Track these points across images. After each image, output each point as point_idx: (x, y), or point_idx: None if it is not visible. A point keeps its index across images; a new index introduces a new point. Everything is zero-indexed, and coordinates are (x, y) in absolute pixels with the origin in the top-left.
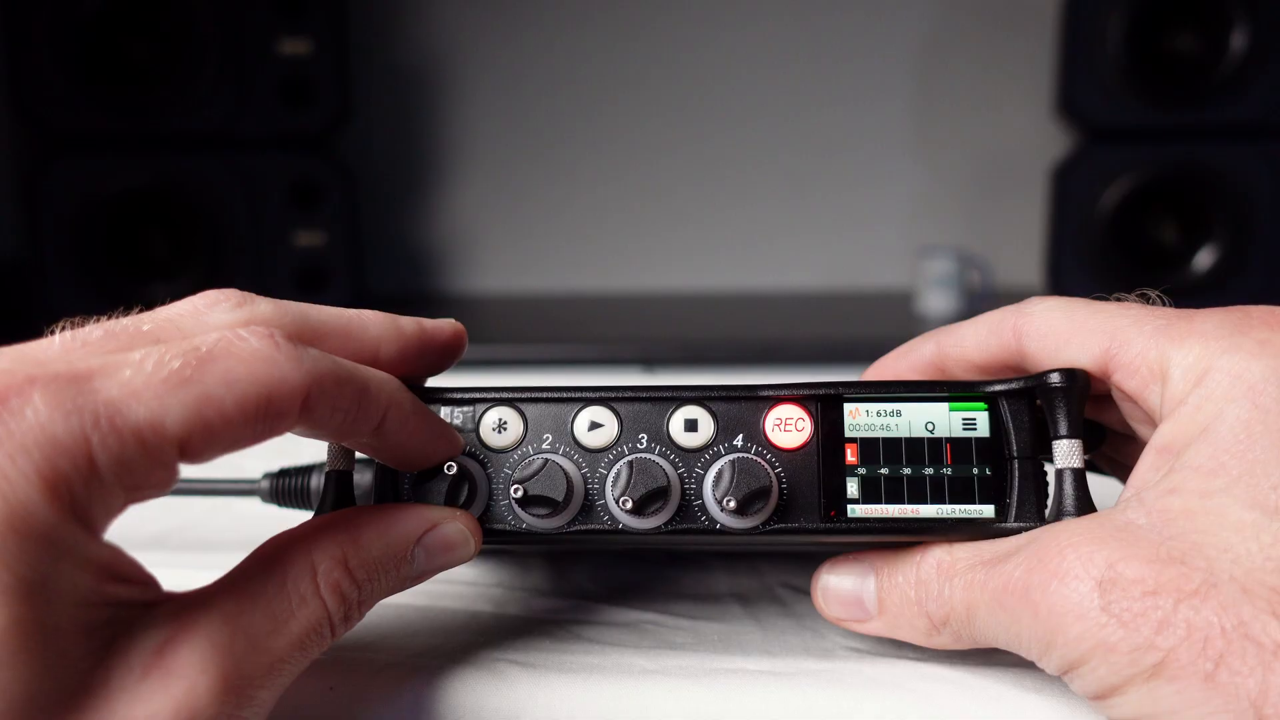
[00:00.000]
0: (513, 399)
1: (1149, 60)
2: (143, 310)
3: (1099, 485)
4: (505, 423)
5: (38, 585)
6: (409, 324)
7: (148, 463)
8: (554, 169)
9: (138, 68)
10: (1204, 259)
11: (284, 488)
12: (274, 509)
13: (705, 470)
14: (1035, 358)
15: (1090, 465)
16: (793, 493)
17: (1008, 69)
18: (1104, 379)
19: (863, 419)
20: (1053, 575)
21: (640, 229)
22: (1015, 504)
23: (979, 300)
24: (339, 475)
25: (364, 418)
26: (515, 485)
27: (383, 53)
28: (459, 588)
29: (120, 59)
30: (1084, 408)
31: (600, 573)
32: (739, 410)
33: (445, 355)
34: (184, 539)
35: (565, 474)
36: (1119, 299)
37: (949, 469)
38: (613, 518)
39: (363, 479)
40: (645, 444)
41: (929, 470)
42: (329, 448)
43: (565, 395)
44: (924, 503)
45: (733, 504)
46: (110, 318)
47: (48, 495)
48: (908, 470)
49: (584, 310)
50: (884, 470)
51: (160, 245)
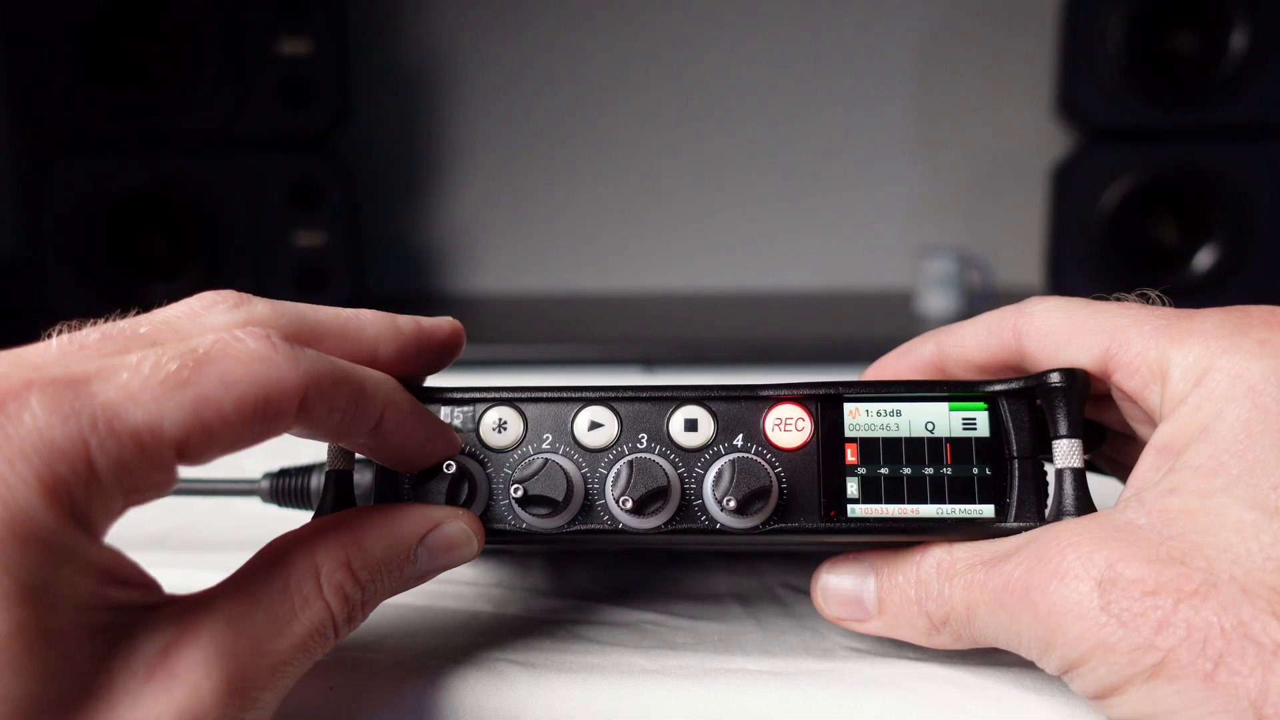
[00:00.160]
0: (513, 399)
1: (1149, 60)
2: (140, 312)
3: (1099, 485)
4: (505, 422)
5: (39, 590)
6: (407, 323)
7: (146, 465)
8: (554, 169)
9: (138, 68)
10: (1204, 259)
11: (284, 488)
12: (274, 509)
13: (705, 470)
14: (1035, 357)
15: (1090, 465)
16: (793, 492)
17: (1008, 69)
18: (1104, 379)
19: (863, 419)
20: (1052, 575)
21: (640, 229)
22: (1015, 504)
23: (979, 300)
24: (339, 475)
25: (361, 418)
26: (515, 485)
27: (383, 53)
28: (459, 588)
29: (120, 59)
30: (1084, 407)
31: (600, 573)
32: (739, 410)
33: (444, 353)
34: (184, 539)
35: (565, 474)
36: (1119, 299)
37: (949, 469)
38: (613, 517)
39: (363, 479)
40: (645, 444)
41: (929, 470)
42: (329, 447)
43: (565, 395)
44: (924, 502)
45: (733, 504)
46: (107, 320)
47: (47, 500)
48: (908, 470)
49: (584, 310)
50: (884, 470)
51: (160, 245)
